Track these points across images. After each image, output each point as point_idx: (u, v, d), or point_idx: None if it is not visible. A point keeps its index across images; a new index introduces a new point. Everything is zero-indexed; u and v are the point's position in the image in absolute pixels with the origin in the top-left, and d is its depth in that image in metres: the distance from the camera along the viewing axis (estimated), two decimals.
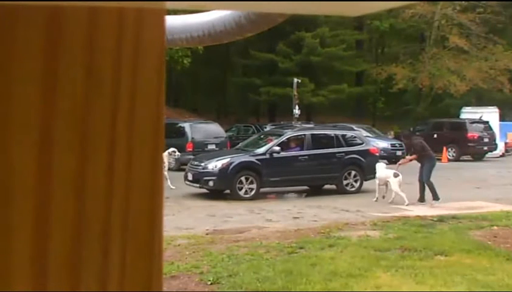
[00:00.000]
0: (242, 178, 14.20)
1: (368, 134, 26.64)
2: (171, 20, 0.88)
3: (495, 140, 26.34)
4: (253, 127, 28.50)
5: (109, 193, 0.34)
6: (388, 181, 12.91)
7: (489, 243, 8.89)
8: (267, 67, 37.49)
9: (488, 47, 35.21)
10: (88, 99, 0.33)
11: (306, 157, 15.09)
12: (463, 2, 35.09)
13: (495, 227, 10.08)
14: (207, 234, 9.66)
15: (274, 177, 14.36)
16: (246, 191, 14.17)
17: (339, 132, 16.34)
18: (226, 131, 24.22)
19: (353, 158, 15.43)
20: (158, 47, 0.35)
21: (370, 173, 15.31)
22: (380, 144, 22.77)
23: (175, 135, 20.18)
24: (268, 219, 11.16)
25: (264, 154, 14.77)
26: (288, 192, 15.20)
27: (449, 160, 24.83)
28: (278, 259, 7.89)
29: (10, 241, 0.32)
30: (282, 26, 27.40)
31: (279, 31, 32.49)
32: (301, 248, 8.51)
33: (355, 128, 27.10)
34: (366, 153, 15.69)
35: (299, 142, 15.49)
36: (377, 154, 16.28)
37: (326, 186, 15.32)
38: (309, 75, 34.54)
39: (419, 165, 13.28)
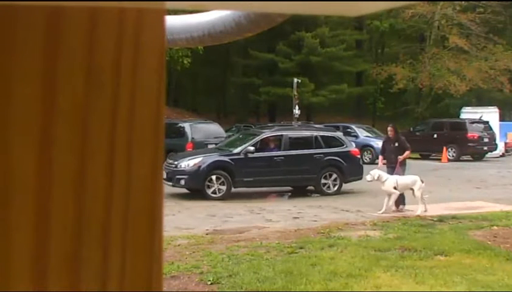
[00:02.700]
0: (213, 178, 14.14)
1: (368, 134, 26.68)
2: (171, 20, 0.88)
3: (495, 140, 26.34)
4: (253, 127, 28.47)
5: (109, 193, 0.34)
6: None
7: (489, 243, 8.89)
8: (267, 67, 37.51)
9: (488, 47, 35.21)
10: (88, 99, 0.33)
11: (282, 157, 14.92)
12: (463, 2, 35.09)
13: (495, 227, 10.08)
14: (207, 234, 9.66)
15: (248, 178, 14.29)
16: (216, 190, 14.12)
17: (318, 133, 16.07)
18: (226, 131, 24.19)
19: (332, 160, 15.21)
20: (158, 47, 0.35)
21: (351, 175, 15.12)
22: (380, 144, 22.74)
23: (175, 135, 20.17)
24: (268, 219, 11.16)
25: (238, 154, 14.69)
26: (287, 192, 15.19)
27: (449, 160, 24.84)
28: (278, 259, 7.89)
29: (10, 241, 0.32)
30: (282, 26, 27.41)
31: (279, 31, 32.50)
32: (301, 248, 8.51)
33: (354, 128, 27.17)
34: (346, 155, 15.42)
35: (276, 142, 15.35)
36: (358, 156, 15.96)
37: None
38: (309, 75, 34.55)
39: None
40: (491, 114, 27.68)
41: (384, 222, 10.53)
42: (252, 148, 14.79)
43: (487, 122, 26.46)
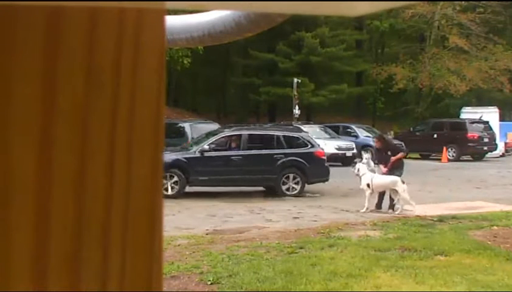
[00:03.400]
0: (166, 175, 14.02)
1: (368, 134, 26.68)
2: (171, 20, 0.88)
3: (495, 140, 26.36)
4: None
5: (109, 193, 0.34)
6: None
7: (489, 243, 8.89)
8: (267, 67, 37.52)
9: (488, 47, 35.23)
10: (88, 99, 0.33)
11: (240, 157, 14.79)
12: (463, 2, 35.09)
13: (495, 227, 10.08)
14: (207, 234, 9.66)
15: (203, 176, 14.25)
16: (169, 188, 14.07)
17: (281, 133, 15.78)
18: None
19: (294, 160, 14.95)
20: (158, 47, 0.35)
21: (314, 176, 14.89)
22: None
23: (175, 135, 20.17)
24: (268, 219, 11.16)
25: (194, 152, 14.64)
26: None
27: (449, 160, 24.86)
28: (278, 259, 7.89)
29: (10, 241, 0.32)
30: (282, 26, 27.41)
31: (279, 31, 32.51)
32: (301, 248, 8.51)
33: (354, 128, 27.18)
34: (310, 156, 15.07)
35: (234, 141, 15.24)
36: (323, 157, 15.48)
37: (329, 185, 15.23)
38: (309, 75, 34.56)
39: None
40: (491, 114, 27.70)
41: (384, 222, 10.53)
42: (207, 147, 14.69)
43: (487, 122, 26.47)
